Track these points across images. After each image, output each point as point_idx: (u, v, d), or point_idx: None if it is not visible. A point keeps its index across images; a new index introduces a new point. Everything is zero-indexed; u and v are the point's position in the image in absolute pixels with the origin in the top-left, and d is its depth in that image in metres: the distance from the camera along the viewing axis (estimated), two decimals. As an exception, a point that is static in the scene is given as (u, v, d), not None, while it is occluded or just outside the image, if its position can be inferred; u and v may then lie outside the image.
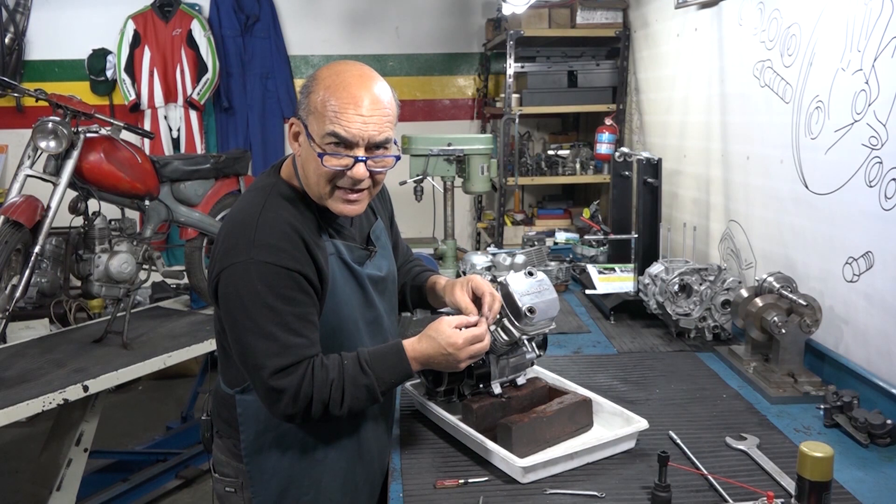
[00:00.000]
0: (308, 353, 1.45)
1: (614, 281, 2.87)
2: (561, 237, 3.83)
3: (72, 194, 2.91)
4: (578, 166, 4.47)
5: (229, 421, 1.59)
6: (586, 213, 3.78)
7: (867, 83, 1.88)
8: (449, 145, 3.25)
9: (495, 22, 4.96)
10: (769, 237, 2.44)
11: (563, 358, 2.27)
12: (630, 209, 3.17)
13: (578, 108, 4.46)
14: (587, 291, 2.87)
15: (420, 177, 3.24)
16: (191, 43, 5.07)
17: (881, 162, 1.84)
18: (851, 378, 1.91)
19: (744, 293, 2.15)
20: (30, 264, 2.60)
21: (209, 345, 3.10)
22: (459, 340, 1.52)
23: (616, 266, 3.03)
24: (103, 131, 2.96)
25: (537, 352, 1.74)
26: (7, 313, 2.56)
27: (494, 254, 3.00)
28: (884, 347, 1.86)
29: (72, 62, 5.20)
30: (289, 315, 1.43)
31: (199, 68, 5.09)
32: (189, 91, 5.08)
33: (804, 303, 1.96)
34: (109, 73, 5.17)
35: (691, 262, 2.42)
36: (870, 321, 1.91)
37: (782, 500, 1.38)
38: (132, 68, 5.05)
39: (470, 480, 1.53)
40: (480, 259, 2.92)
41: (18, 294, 2.57)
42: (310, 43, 5.38)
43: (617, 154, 3.13)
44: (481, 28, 5.41)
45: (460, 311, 1.63)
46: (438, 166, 3.26)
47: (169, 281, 3.88)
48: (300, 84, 1.56)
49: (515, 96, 4.25)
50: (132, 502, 3.42)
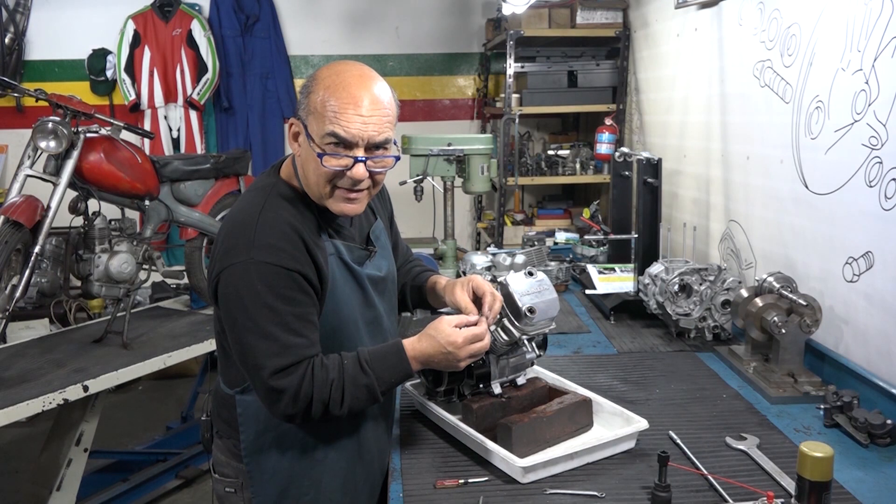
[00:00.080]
0: (308, 353, 1.45)
1: (614, 281, 2.86)
2: (561, 237, 3.83)
3: (72, 194, 2.91)
4: (578, 166, 4.47)
5: (229, 421, 1.59)
6: (586, 213, 3.78)
7: (867, 83, 1.88)
8: (449, 145, 3.25)
9: (495, 22, 4.96)
10: (769, 237, 2.44)
11: (563, 358, 2.27)
12: (630, 209, 3.17)
13: (578, 108, 4.46)
14: (587, 291, 2.87)
15: (420, 177, 3.24)
16: (191, 43, 5.07)
17: (881, 162, 1.84)
18: (851, 378, 1.91)
19: (744, 293, 2.15)
20: (30, 264, 2.61)
21: (209, 345, 3.10)
22: (459, 339, 1.52)
23: (616, 266, 3.03)
24: (103, 131, 2.96)
25: (537, 352, 1.74)
26: (7, 313, 2.57)
27: (494, 254, 3.00)
28: (884, 347, 1.86)
29: (72, 62, 5.20)
30: (289, 315, 1.43)
31: (199, 68, 5.09)
32: (189, 91, 5.08)
33: (804, 303, 1.96)
34: (109, 73, 5.17)
35: (691, 262, 2.42)
36: (870, 321, 1.91)
37: (782, 500, 1.38)
38: (132, 68, 5.06)
39: (470, 480, 1.53)
40: (480, 259, 2.92)
41: (18, 294, 2.57)
42: (310, 43, 5.38)
43: (617, 154, 3.13)
44: (481, 28, 5.41)
45: (460, 311, 1.63)
46: (438, 166, 3.26)
47: (169, 281, 3.88)
48: (300, 84, 1.56)
49: (515, 96, 4.25)
50: (132, 502, 3.42)
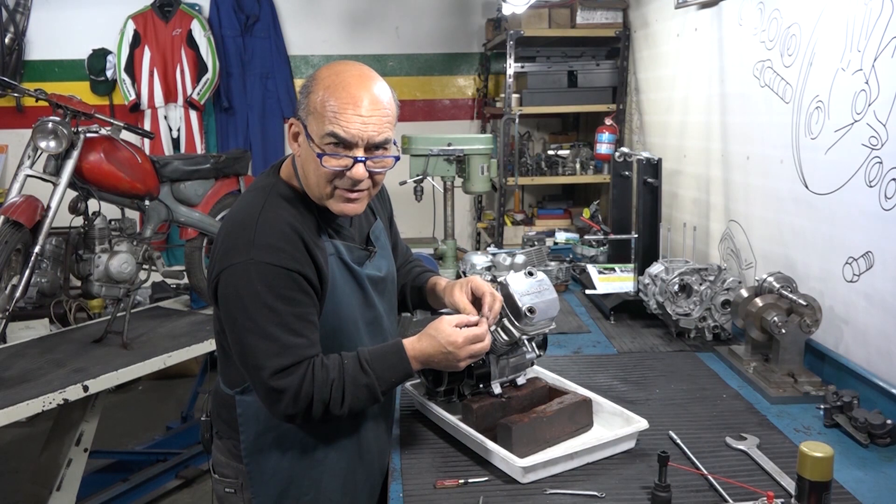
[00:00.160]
0: (308, 354, 1.45)
1: (614, 281, 2.86)
2: (561, 237, 3.83)
3: (72, 194, 2.91)
4: (578, 166, 4.47)
5: (229, 422, 1.59)
6: (586, 213, 3.78)
7: (867, 83, 1.88)
8: (449, 145, 3.25)
9: (495, 22, 4.96)
10: (769, 237, 2.44)
11: (563, 358, 2.27)
12: (630, 209, 3.17)
13: (578, 108, 4.46)
14: (587, 291, 2.87)
15: (420, 177, 3.24)
16: (191, 43, 5.07)
17: (881, 162, 1.84)
18: (851, 378, 1.91)
19: (744, 293, 2.15)
20: (30, 264, 2.61)
21: (209, 345, 3.10)
22: (459, 339, 1.52)
23: (616, 266, 3.03)
24: (103, 131, 2.96)
25: (537, 352, 1.74)
26: (7, 313, 2.57)
27: (494, 254, 3.00)
28: (884, 347, 1.86)
29: (72, 62, 5.21)
30: (289, 315, 1.43)
31: (199, 68, 5.09)
32: (189, 91, 5.08)
33: (804, 303, 1.96)
34: (109, 73, 5.17)
35: (691, 262, 2.41)
36: (870, 321, 1.91)
37: (782, 500, 1.38)
38: (132, 68, 5.06)
39: (470, 480, 1.53)
40: (480, 259, 2.92)
41: (18, 294, 2.57)
42: (310, 43, 5.38)
43: (617, 154, 3.13)
44: (481, 28, 5.41)
45: (460, 312, 1.63)
46: (438, 166, 3.26)
47: (169, 281, 3.88)
48: (300, 84, 1.56)
49: (515, 96, 4.25)
50: (132, 502, 3.42)
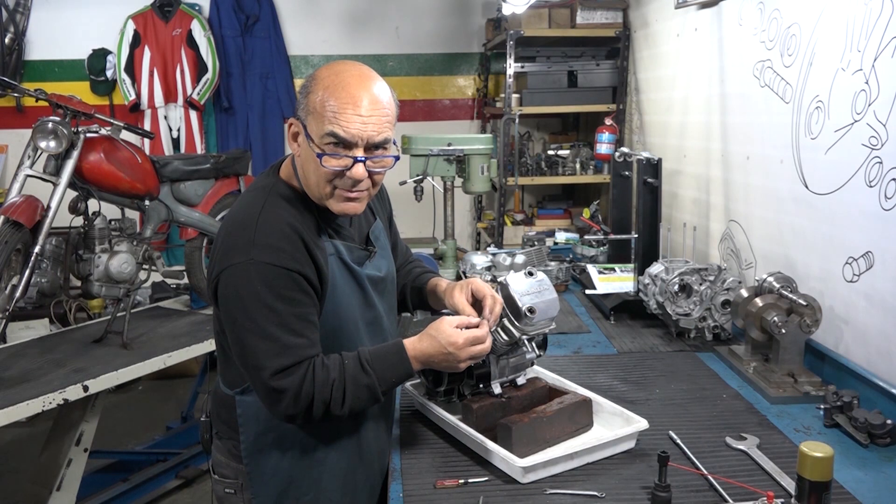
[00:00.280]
0: (308, 354, 1.45)
1: (614, 281, 2.86)
2: (561, 237, 3.83)
3: (72, 194, 2.91)
4: (578, 166, 4.46)
5: (229, 422, 1.59)
6: (586, 213, 3.78)
7: (867, 83, 1.88)
8: (449, 145, 3.25)
9: (495, 22, 4.95)
10: (769, 237, 2.44)
11: (563, 358, 2.27)
12: (630, 209, 3.17)
13: (578, 108, 4.45)
14: (587, 291, 2.87)
15: (420, 177, 3.24)
16: (191, 43, 5.07)
17: (881, 162, 1.84)
18: (851, 378, 1.91)
19: (744, 293, 2.15)
20: (30, 264, 2.61)
21: (209, 345, 3.10)
22: (460, 340, 1.52)
23: (616, 266, 3.03)
24: (103, 131, 2.96)
25: (537, 352, 1.74)
26: (7, 313, 2.57)
27: (494, 254, 3.00)
28: (884, 347, 1.86)
29: (72, 62, 5.20)
30: (289, 315, 1.43)
31: (199, 68, 5.09)
32: (189, 91, 5.08)
33: (804, 303, 1.96)
34: (109, 73, 5.17)
35: (691, 262, 2.41)
36: (870, 321, 1.91)
37: (782, 500, 1.38)
38: (132, 68, 5.06)
39: (470, 480, 1.53)
40: (480, 259, 2.92)
41: (18, 294, 2.57)
42: (310, 43, 5.38)
43: (617, 154, 3.13)
44: (481, 28, 5.41)
45: (460, 314, 1.63)
46: (438, 166, 3.26)
47: (169, 281, 3.88)
48: (300, 84, 1.56)
49: (515, 96, 4.25)
50: (132, 502, 3.42)
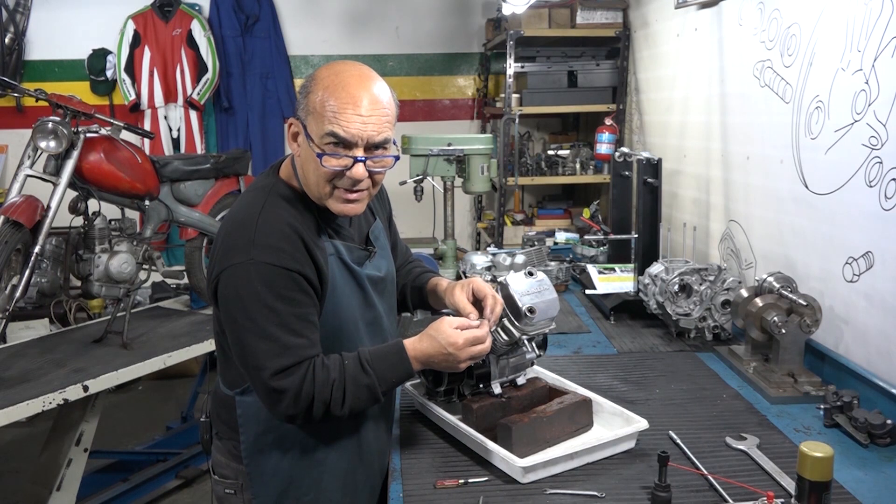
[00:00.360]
0: (309, 354, 1.45)
1: (614, 281, 2.86)
2: (561, 237, 3.83)
3: (72, 194, 2.91)
4: (578, 166, 4.46)
5: (229, 422, 1.59)
6: (586, 213, 3.78)
7: (867, 83, 1.88)
8: (449, 145, 3.25)
9: (495, 22, 4.95)
10: (769, 237, 2.44)
11: (563, 358, 2.27)
12: (630, 209, 3.17)
13: (578, 108, 4.45)
14: (587, 291, 2.87)
15: (420, 177, 3.24)
16: (191, 43, 5.07)
17: (881, 162, 1.84)
18: (851, 378, 1.91)
19: (744, 293, 2.15)
20: (30, 264, 2.61)
21: (209, 345, 3.10)
22: (460, 340, 1.52)
23: (616, 266, 3.03)
24: (103, 131, 2.96)
25: (537, 352, 1.74)
26: (7, 313, 2.57)
27: (494, 254, 3.00)
28: (884, 347, 1.86)
29: (72, 62, 5.20)
30: (289, 315, 1.43)
31: (199, 68, 5.09)
32: (189, 91, 5.08)
33: (804, 303, 1.96)
34: (109, 73, 5.17)
35: (691, 262, 2.41)
36: (870, 321, 1.91)
37: (782, 500, 1.38)
38: (132, 68, 5.06)
39: (470, 480, 1.53)
40: (480, 259, 2.92)
41: (18, 294, 2.57)
42: (310, 43, 5.38)
43: (617, 154, 3.13)
44: (481, 28, 5.41)
45: (461, 314, 1.63)
46: (438, 166, 3.26)
47: (169, 281, 3.88)
48: (300, 84, 1.55)
49: (515, 96, 4.25)
50: (132, 502, 3.42)
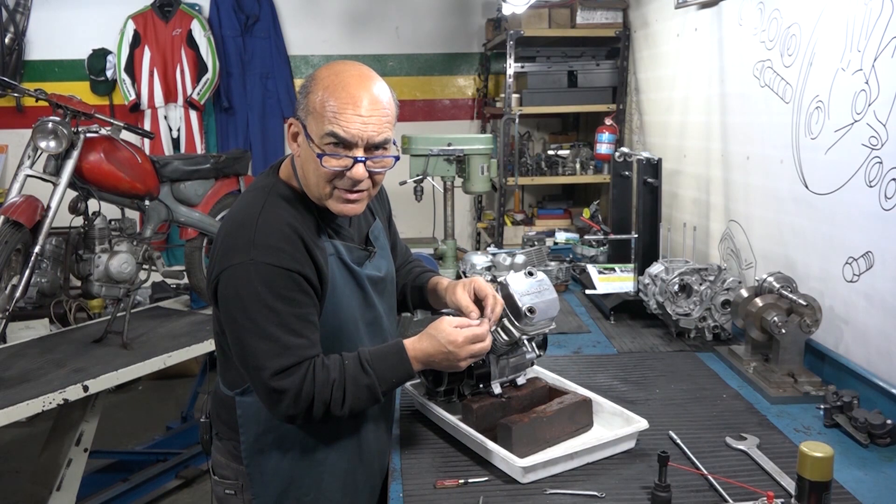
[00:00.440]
0: (309, 354, 1.45)
1: (614, 281, 2.86)
2: (561, 237, 3.83)
3: (72, 194, 2.91)
4: (578, 166, 4.46)
5: (229, 423, 1.59)
6: (586, 213, 3.78)
7: (867, 83, 1.88)
8: (449, 145, 3.25)
9: (495, 22, 4.95)
10: (769, 237, 2.44)
11: (563, 358, 2.27)
12: (630, 209, 3.17)
13: (578, 108, 4.46)
14: (587, 291, 2.87)
15: (420, 177, 3.23)
16: (191, 43, 5.07)
17: (881, 162, 1.84)
18: (851, 378, 1.91)
19: (744, 293, 2.15)
20: (30, 264, 2.61)
21: (209, 345, 3.09)
22: (460, 338, 1.52)
23: (616, 266, 3.03)
24: (103, 131, 2.96)
25: (537, 352, 1.74)
26: (7, 313, 2.57)
27: (494, 254, 3.00)
28: (884, 347, 1.86)
29: (72, 62, 5.20)
30: (289, 316, 1.43)
31: (199, 68, 5.09)
32: (189, 91, 5.08)
33: (804, 303, 1.96)
34: (109, 73, 5.17)
35: (691, 262, 2.41)
36: (870, 321, 1.91)
37: (782, 500, 1.38)
38: (132, 68, 5.06)
39: (470, 480, 1.53)
40: (480, 259, 2.92)
41: (18, 294, 2.57)
42: (310, 43, 5.38)
43: (617, 154, 3.13)
44: (481, 28, 5.41)
45: (461, 312, 1.63)
46: (438, 166, 3.26)
47: (169, 281, 3.88)
48: (300, 84, 1.55)
49: (515, 96, 4.25)
50: (132, 502, 3.42)
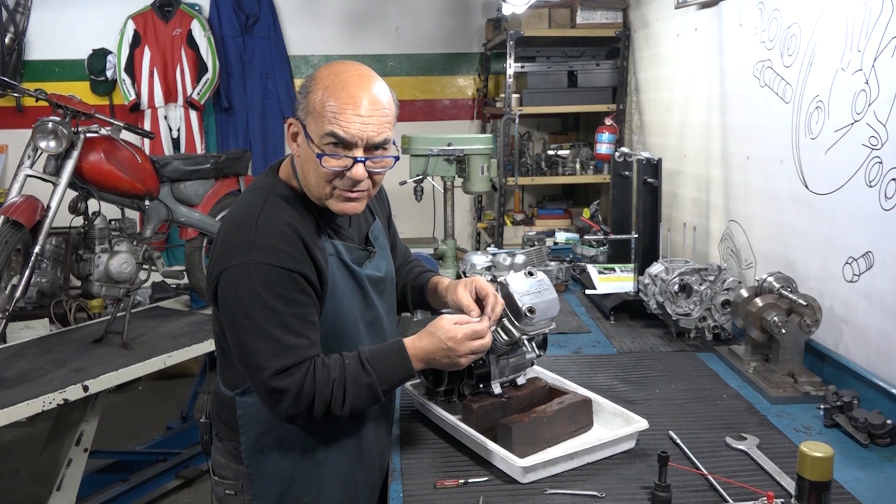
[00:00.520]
0: (309, 354, 1.45)
1: (614, 281, 2.86)
2: (561, 237, 3.83)
3: (72, 194, 2.91)
4: (578, 166, 4.46)
5: (229, 423, 1.59)
6: (586, 213, 3.78)
7: (867, 83, 1.88)
8: (449, 145, 3.25)
9: (495, 22, 4.95)
10: (769, 237, 2.44)
11: (563, 358, 2.27)
12: (630, 209, 3.17)
13: (578, 108, 4.46)
14: (587, 291, 2.87)
15: (420, 177, 3.23)
16: (191, 43, 5.07)
17: (881, 162, 1.84)
18: (851, 378, 1.91)
19: (744, 293, 2.15)
20: (30, 264, 2.61)
21: (209, 345, 3.10)
22: (459, 335, 1.52)
23: (616, 266, 3.03)
24: (103, 131, 2.96)
25: (537, 352, 1.74)
26: (7, 313, 2.57)
27: (494, 254, 3.00)
28: (884, 347, 1.86)
29: (72, 62, 5.20)
30: (289, 316, 1.43)
31: (199, 68, 5.09)
32: (189, 91, 5.08)
33: (804, 303, 1.96)
34: (109, 73, 5.17)
35: (691, 262, 2.41)
36: (870, 321, 1.91)
37: (782, 500, 1.38)
38: (132, 68, 5.06)
39: (470, 480, 1.53)
40: (480, 259, 2.92)
41: (18, 294, 2.57)
42: (310, 43, 5.38)
43: (617, 154, 3.13)
44: (481, 28, 5.41)
45: (462, 311, 1.63)
46: (438, 166, 3.26)
47: (169, 281, 3.88)
48: (300, 84, 1.55)
49: (515, 96, 4.25)
50: (132, 502, 3.42)
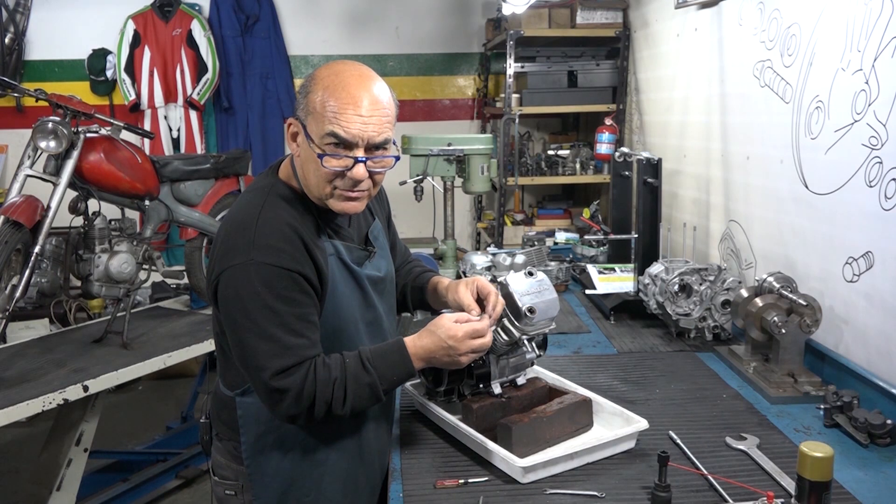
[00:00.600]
0: (309, 354, 1.45)
1: (614, 281, 2.86)
2: (561, 237, 3.83)
3: (72, 194, 2.91)
4: (578, 166, 4.47)
5: (229, 423, 1.59)
6: (586, 213, 3.78)
7: (867, 83, 1.88)
8: (449, 145, 3.25)
9: (495, 22, 4.96)
10: (769, 237, 2.44)
11: (563, 358, 2.27)
12: (630, 209, 3.17)
13: (578, 108, 4.45)
14: (587, 291, 2.87)
15: (420, 177, 3.23)
16: (191, 43, 5.07)
17: (881, 162, 1.84)
18: (851, 378, 1.91)
19: (744, 293, 2.15)
20: (30, 264, 2.61)
21: (209, 345, 3.10)
22: (460, 333, 1.52)
23: (616, 266, 3.03)
24: (103, 131, 2.96)
25: (537, 352, 1.74)
26: (7, 313, 2.57)
27: (494, 254, 3.00)
28: (884, 347, 1.86)
29: (72, 62, 5.20)
30: (289, 316, 1.43)
31: (199, 68, 5.09)
32: (189, 91, 5.08)
33: (804, 303, 1.96)
34: (109, 73, 5.17)
35: (691, 262, 2.41)
36: (870, 321, 1.91)
37: (782, 500, 1.38)
38: (132, 68, 5.06)
39: (470, 480, 1.53)
40: (480, 259, 2.92)
41: (18, 294, 2.57)
42: (310, 43, 5.38)
43: (617, 154, 3.13)
44: (481, 28, 5.41)
45: (463, 310, 1.63)
46: (438, 166, 3.26)
47: (169, 281, 3.88)
48: (300, 84, 1.55)
49: (515, 96, 4.25)
50: (132, 502, 3.42)
